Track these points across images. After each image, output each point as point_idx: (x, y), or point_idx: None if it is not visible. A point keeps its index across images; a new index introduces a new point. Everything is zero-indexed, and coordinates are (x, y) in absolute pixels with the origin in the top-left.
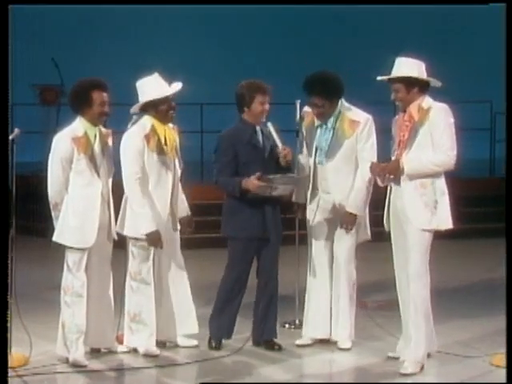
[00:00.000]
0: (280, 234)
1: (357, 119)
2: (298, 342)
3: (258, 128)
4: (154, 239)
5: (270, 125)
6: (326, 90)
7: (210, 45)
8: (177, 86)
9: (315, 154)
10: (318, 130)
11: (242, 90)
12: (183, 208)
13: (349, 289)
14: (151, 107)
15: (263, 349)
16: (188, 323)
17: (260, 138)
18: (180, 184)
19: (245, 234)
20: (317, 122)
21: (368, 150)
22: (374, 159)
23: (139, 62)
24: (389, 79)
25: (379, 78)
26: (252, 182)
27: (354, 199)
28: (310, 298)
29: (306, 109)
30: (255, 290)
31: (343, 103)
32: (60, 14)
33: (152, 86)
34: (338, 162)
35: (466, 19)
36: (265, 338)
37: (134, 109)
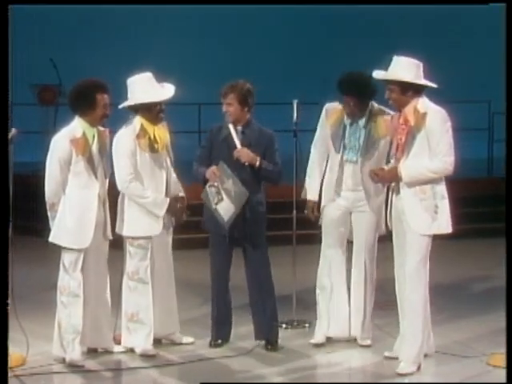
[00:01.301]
0: (256, 231)
1: (389, 120)
2: (312, 340)
3: (232, 128)
4: (174, 208)
5: (230, 126)
6: (359, 91)
7: (209, 45)
8: (169, 92)
9: (343, 153)
10: (348, 128)
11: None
12: (176, 188)
13: (372, 285)
14: (142, 109)
15: (262, 346)
16: (169, 323)
17: (236, 138)
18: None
19: (213, 228)
20: (346, 121)
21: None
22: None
23: (138, 62)
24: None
25: (374, 74)
26: (211, 170)
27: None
28: (328, 296)
29: (329, 106)
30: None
31: (374, 104)
32: (58, 13)
33: (145, 88)
34: (371, 158)
35: (465, 19)
36: (259, 337)
37: (123, 106)
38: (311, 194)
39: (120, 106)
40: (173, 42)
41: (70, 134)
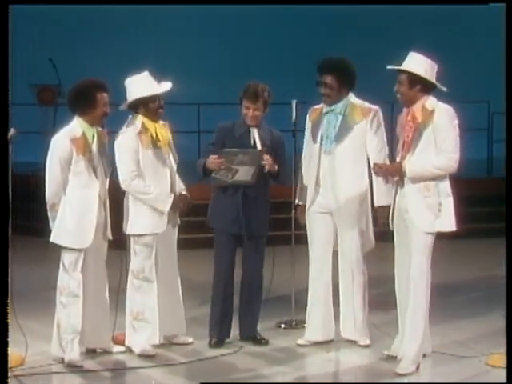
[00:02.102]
0: (262, 231)
1: (367, 107)
2: (299, 341)
3: (254, 130)
4: (179, 203)
5: (255, 130)
6: (338, 71)
7: (207, 45)
8: (166, 85)
9: (321, 144)
10: (326, 118)
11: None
12: (179, 186)
13: (362, 287)
14: (141, 105)
15: (251, 344)
16: (176, 323)
17: (253, 139)
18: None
19: (221, 226)
20: (324, 110)
21: (378, 140)
22: (385, 150)
23: (137, 62)
24: (397, 70)
25: (389, 66)
26: (210, 159)
27: (378, 191)
28: (312, 300)
29: (312, 108)
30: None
31: (352, 96)
32: (58, 13)
33: (142, 84)
34: (346, 147)
35: (464, 19)
36: (247, 334)
37: (124, 106)
38: (300, 198)
39: (120, 108)
40: (172, 42)
41: (70, 134)
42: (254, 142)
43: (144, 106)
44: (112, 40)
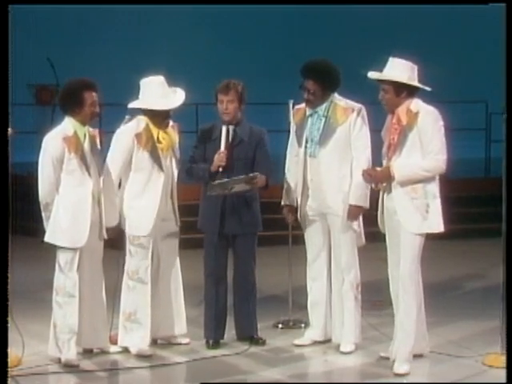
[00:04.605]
0: (251, 228)
1: (350, 107)
2: (296, 341)
3: (224, 128)
4: (112, 234)
5: (224, 128)
6: (321, 78)
7: (205, 45)
8: (179, 99)
9: (305, 146)
10: (309, 120)
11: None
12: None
13: (352, 291)
14: (150, 112)
15: (248, 344)
16: (177, 324)
17: (228, 138)
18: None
19: (206, 227)
20: (308, 112)
21: (362, 139)
22: (368, 148)
23: (135, 62)
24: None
25: (370, 74)
26: (216, 159)
27: (356, 191)
28: (311, 300)
29: (296, 107)
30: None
31: (335, 95)
32: (56, 13)
33: (156, 93)
34: (330, 150)
35: (462, 19)
36: (244, 335)
37: (133, 105)
38: (286, 198)
39: (129, 106)
40: (171, 42)
41: (62, 133)
42: (231, 139)
43: (153, 113)
44: (110, 40)
